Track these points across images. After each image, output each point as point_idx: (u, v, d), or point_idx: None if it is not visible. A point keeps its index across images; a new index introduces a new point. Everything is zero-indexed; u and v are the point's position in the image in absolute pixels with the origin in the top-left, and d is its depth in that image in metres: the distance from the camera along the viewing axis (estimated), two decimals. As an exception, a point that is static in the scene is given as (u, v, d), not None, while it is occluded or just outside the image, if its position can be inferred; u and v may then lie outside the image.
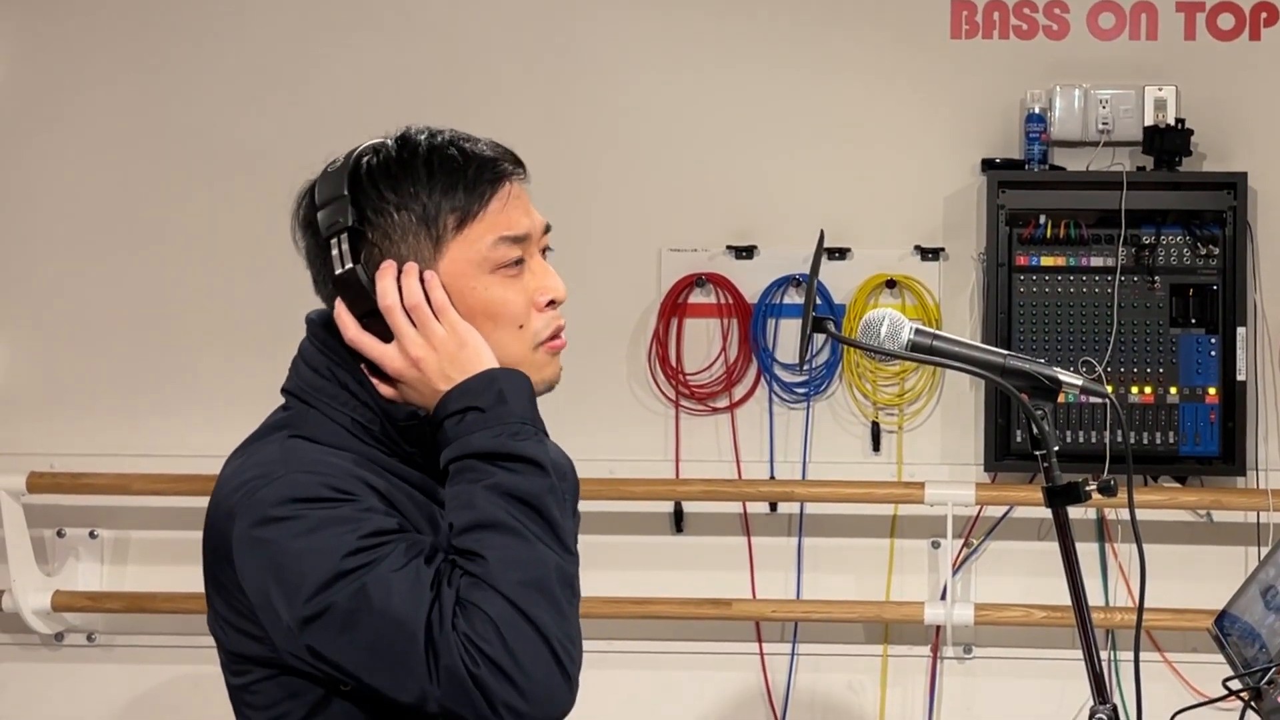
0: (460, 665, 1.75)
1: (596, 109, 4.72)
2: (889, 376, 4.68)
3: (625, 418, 4.69)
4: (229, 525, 1.86)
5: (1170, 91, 4.53)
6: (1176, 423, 4.53)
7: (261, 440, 1.97)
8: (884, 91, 4.70)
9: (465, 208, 1.91)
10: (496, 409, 1.86)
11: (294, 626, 1.81)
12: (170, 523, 4.80)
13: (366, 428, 1.93)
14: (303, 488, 1.82)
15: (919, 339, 2.22)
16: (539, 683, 1.77)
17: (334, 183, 1.93)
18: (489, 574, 1.78)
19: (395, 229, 1.90)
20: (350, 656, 1.79)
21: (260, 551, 1.82)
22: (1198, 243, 4.53)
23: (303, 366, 2.00)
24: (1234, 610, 2.76)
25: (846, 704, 4.73)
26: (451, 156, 1.92)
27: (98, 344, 4.83)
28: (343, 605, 1.78)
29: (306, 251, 1.98)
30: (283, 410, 2.01)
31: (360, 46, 4.78)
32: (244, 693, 1.96)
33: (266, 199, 4.79)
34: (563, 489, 1.89)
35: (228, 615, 1.93)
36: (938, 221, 4.69)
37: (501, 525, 1.81)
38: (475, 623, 1.76)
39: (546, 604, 1.78)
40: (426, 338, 1.89)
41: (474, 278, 1.92)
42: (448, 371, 1.88)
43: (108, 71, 4.83)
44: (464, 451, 1.85)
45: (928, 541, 4.67)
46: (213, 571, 1.92)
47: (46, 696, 4.86)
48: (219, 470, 4.97)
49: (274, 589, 1.81)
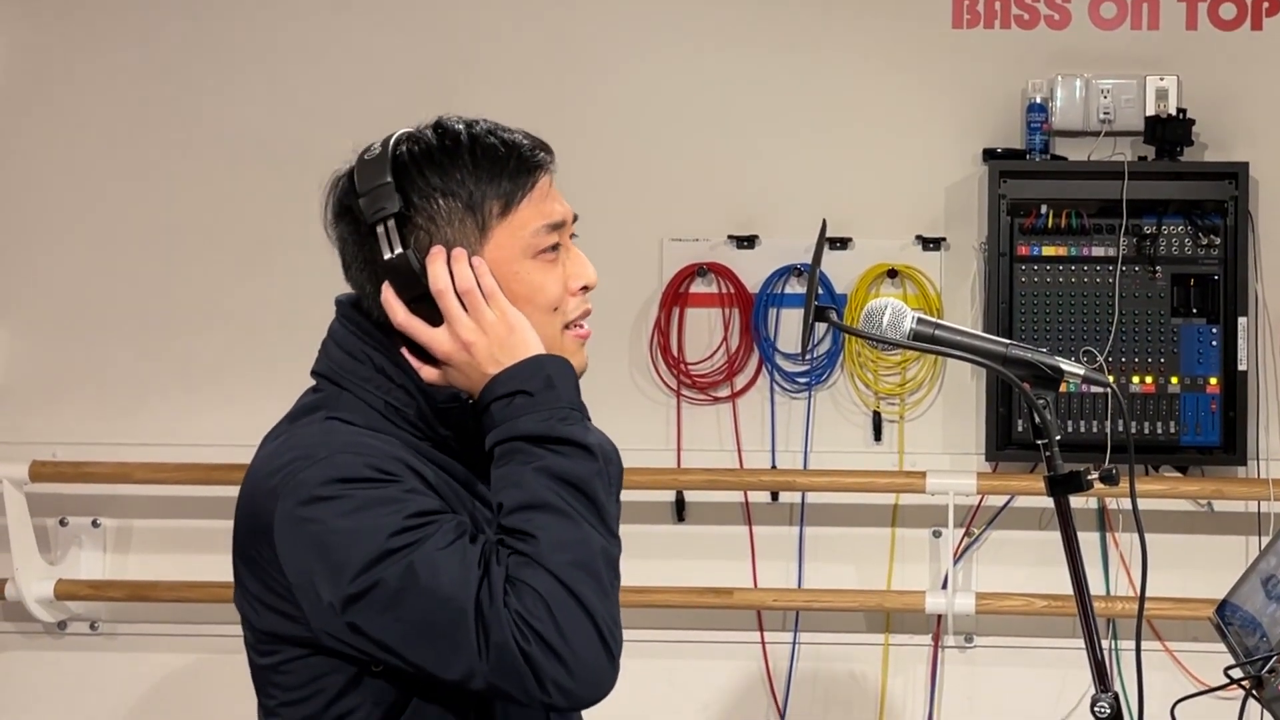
0: (512, 642, 1.77)
1: (597, 98, 4.72)
2: (890, 366, 4.69)
3: (627, 407, 4.69)
4: (271, 504, 1.87)
5: (1172, 81, 4.53)
6: (1177, 412, 4.53)
7: (298, 422, 1.97)
8: (886, 81, 4.70)
9: (509, 195, 1.95)
10: (545, 394, 1.90)
11: (336, 604, 1.82)
12: (173, 511, 4.81)
13: (400, 410, 1.95)
14: (347, 468, 1.84)
15: (921, 328, 2.23)
16: (586, 662, 1.79)
17: (375, 170, 1.94)
18: (539, 553, 1.81)
19: (441, 214, 1.93)
20: (394, 634, 1.81)
21: (305, 530, 1.84)
22: (1199, 232, 4.53)
23: (333, 348, 2.01)
24: (1235, 599, 2.76)
25: (848, 693, 4.74)
26: (493, 145, 1.96)
27: (100, 333, 4.83)
28: (389, 583, 1.80)
29: (341, 238, 1.99)
30: (313, 392, 2.02)
31: (361, 37, 4.78)
32: (271, 673, 1.96)
33: (269, 190, 4.85)
34: (608, 474, 1.92)
35: (260, 594, 1.93)
36: (939, 211, 4.69)
37: (551, 506, 1.84)
38: (526, 600, 1.78)
39: (594, 585, 1.81)
40: (478, 321, 1.92)
41: (516, 263, 1.95)
42: (497, 355, 1.91)
43: (110, 60, 4.83)
44: (512, 434, 1.88)
45: (929, 531, 4.68)
46: (247, 550, 1.93)
47: (49, 685, 4.87)
48: (221, 459, 4.96)
49: (317, 567, 1.83)
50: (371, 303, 1.97)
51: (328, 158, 1.94)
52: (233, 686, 4.76)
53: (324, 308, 2.05)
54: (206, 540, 4.73)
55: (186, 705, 4.84)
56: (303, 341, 2.05)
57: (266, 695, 2.00)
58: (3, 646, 4.90)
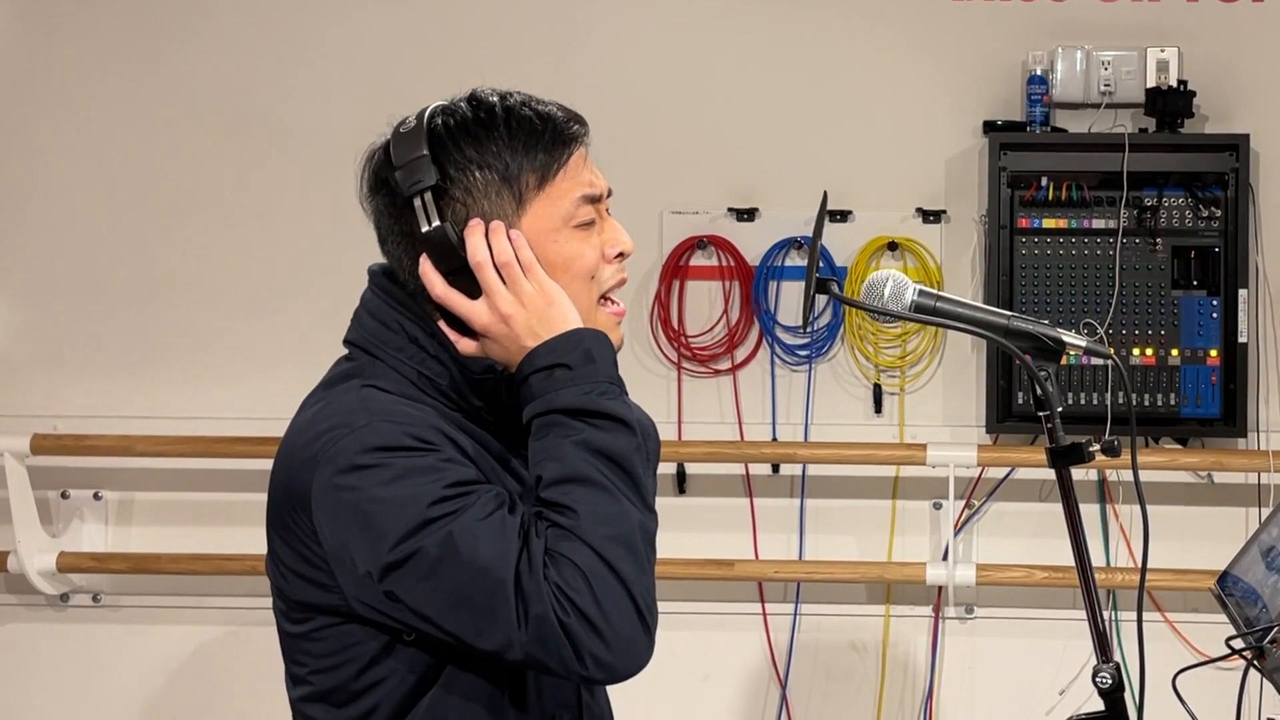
0: (551, 614, 1.78)
1: (595, 70, 4.71)
2: (891, 338, 4.69)
3: (627, 380, 4.57)
4: (308, 473, 1.87)
5: (1172, 53, 4.52)
6: (1178, 384, 4.53)
7: (333, 389, 1.98)
8: (886, 53, 4.70)
9: (545, 168, 1.96)
10: (584, 367, 1.91)
11: (375, 572, 1.83)
12: (174, 484, 4.81)
13: (433, 381, 1.96)
14: (387, 436, 1.85)
15: (923, 300, 2.23)
16: (623, 636, 1.80)
17: (410, 142, 1.94)
18: (578, 527, 1.82)
19: (477, 187, 1.94)
20: (432, 602, 1.82)
21: (344, 498, 1.84)
22: (1200, 205, 4.53)
23: (366, 318, 2.01)
24: (1235, 571, 2.78)
25: (849, 664, 4.75)
26: (528, 117, 1.96)
27: (101, 306, 4.83)
28: (429, 552, 1.80)
29: (376, 211, 1.99)
30: (346, 361, 2.03)
31: (364, 12, 4.77)
32: (302, 640, 1.97)
33: (271, 161, 4.84)
34: (646, 449, 1.93)
35: (292, 562, 1.94)
36: (939, 184, 4.69)
37: (590, 480, 1.85)
38: (565, 573, 1.79)
39: (632, 559, 1.82)
40: (516, 294, 1.93)
41: (553, 235, 1.97)
42: (535, 328, 1.92)
43: (111, 30, 4.82)
44: (551, 407, 1.89)
45: (929, 503, 4.69)
46: (281, 517, 1.94)
47: (52, 657, 4.88)
48: (223, 432, 4.96)
49: (356, 535, 1.83)
50: (409, 275, 1.97)
51: (332, 130, 1.95)
52: (236, 658, 4.81)
53: (327, 279, 2.07)
54: (209, 513, 4.74)
55: (189, 677, 4.85)
56: (307, 315, 2.09)
57: (296, 663, 2.00)
58: (5, 619, 4.91)
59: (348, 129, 2.02)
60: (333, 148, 1.92)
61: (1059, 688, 4.66)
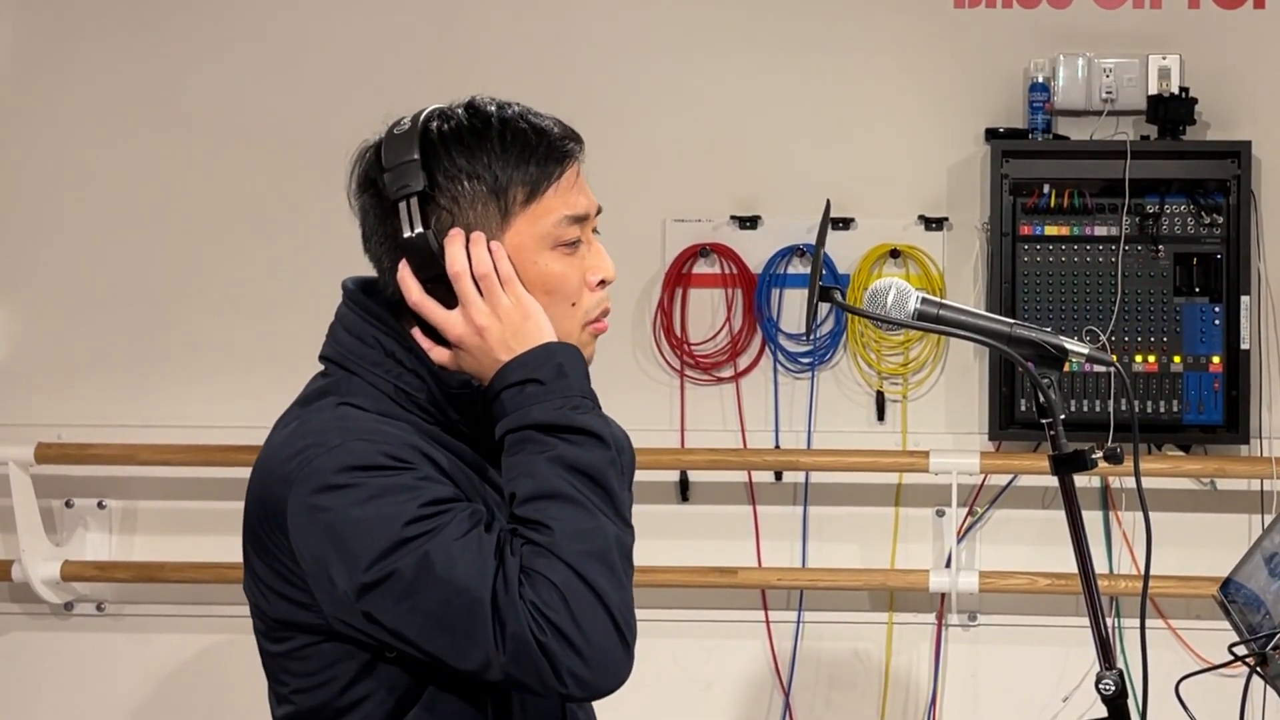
0: (528, 633, 1.76)
1: (599, 80, 4.72)
2: (893, 346, 4.69)
3: (630, 388, 4.70)
4: (284, 492, 1.85)
5: (1174, 60, 4.53)
6: (1180, 391, 4.54)
7: (309, 407, 1.95)
8: (888, 61, 4.70)
9: (535, 183, 1.93)
10: (556, 382, 1.88)
11: (352, 593, 1.81)
12: (178, 493, 4.82)
13: (410, 395, 1.94)
14: (362, 455, 1.83)
15: (925, 308, 2.23)
16: (602, 652, 1.79)
17: (403, 145, 1.92)
18: (554, 544, 1.79)
19: (464, 196, 1.92)
20: (410, 623, 1.80)
21: (319, 518, 1.82)
22: (1202, 211, 4.53)
23: (341, 333, 1.99)
24: (1238, 577, 2.78)
25: (852, 672, 4.75)
26: (523, 130, 1.94)
27: (105, 315, 4.83)
28: (404, 573, 1.78)
29: (363, 210, 1.97)
30: (322, 377, 2.00)
31: (365, 19, 4.78)
32: (284, 659, 1.95)
33: (277, 171, 4.85)
34: (620, 462, 1.91)
35: (271, 581, 1.92)
36: (942, 191, 4.69)
37: (564, 496, 1.82)
38: (541, 591, 1.77)
39: (609, 575, 1.81)
40: (492, 307, 1.90)
41: (535, 252, 1.94)
42: (509, 342, 1.90)
43: (113, 40, 4.82)
44: (524, 423, 1.87)
45: (932, 510, 4.69)
46: (258, 537, 1.92)
47: (56, 666, 4.88)
48: (227, 440, 4.96)
49: (332, 556, 1.82)
50: (387, 278, 1.95)
51: (332, 139, 1.94)
52: (239, 667, 4.79)
53: (331, 289, 2.05)
54: (213, 521, 4.74)
55: (193, 686, 4.85)
56: (309, 323, 2.07)
57: (279, 682, 1.99)
58: (9, 628, 4.91)
59: (353, 140, 2.01)
60: (338, 159, 1.91)
61: (1062, 695, 4.66)
